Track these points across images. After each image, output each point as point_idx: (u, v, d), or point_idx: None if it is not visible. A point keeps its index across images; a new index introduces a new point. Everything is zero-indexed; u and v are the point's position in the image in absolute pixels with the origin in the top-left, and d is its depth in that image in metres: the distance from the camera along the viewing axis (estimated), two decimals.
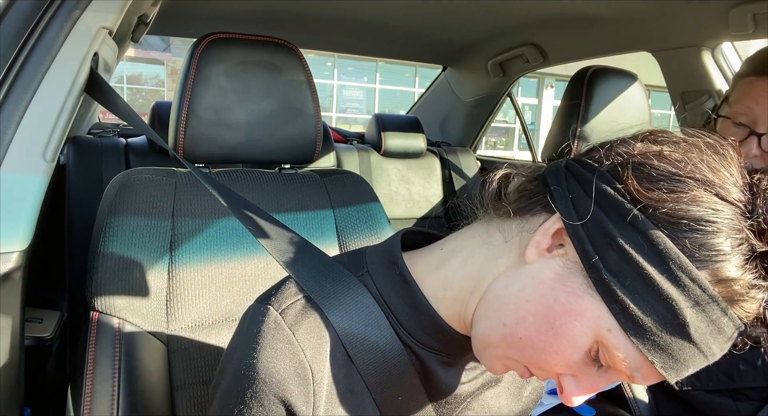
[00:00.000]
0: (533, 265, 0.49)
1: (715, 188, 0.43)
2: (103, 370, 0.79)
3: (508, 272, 0.51)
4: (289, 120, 1.03)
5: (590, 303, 0.45)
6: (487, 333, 0.51)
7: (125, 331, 0.82)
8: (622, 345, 0.44)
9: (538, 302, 0.47)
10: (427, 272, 0.57)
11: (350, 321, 0.54)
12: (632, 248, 0.43)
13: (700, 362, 0.44)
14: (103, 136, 1.81)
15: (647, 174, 0.44)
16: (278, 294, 0.55)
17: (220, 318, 0.92)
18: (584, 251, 0.45)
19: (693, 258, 0.41)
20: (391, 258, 0.58)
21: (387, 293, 0.57)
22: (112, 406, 0.77)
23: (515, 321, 0.48)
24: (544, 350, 0.47)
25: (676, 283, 0.41)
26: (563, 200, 0.47)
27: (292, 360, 0.52)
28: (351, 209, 1.09)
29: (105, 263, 0.84)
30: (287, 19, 1.78)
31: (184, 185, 0.96)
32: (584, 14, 1.55)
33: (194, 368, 0.88)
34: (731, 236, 0.42)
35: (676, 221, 0.42)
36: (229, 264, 0.95)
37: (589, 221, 0.45)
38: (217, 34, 0.98)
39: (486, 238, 0.55)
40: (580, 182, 0.47)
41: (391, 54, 2.45)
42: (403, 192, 2.33)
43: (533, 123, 13.73)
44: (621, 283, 0.43)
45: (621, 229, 0.43)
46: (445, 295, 0.56)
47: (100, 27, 0.73)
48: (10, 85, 0.67)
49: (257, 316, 0.54)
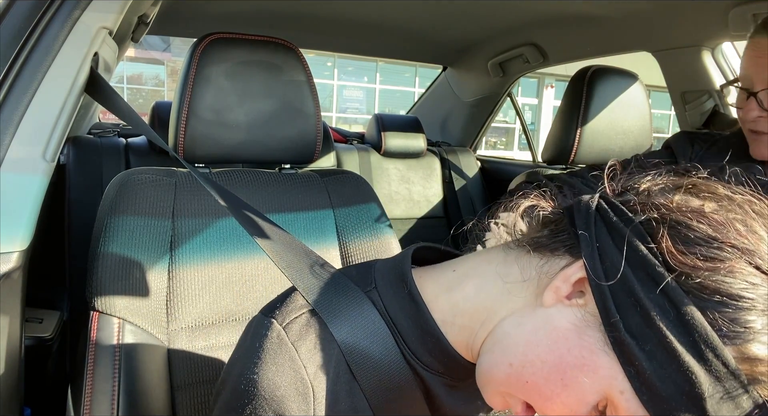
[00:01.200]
0: (549, 309, 0.46)
1: (754, 259, 0.40)
2: (103, 370, 0.79)
3: (522, 310, 0.49)
4: (289, 120, 1.03)
5: (605, 361, 0.42)
6: (492, 369, 0.50)
7: (125, 331, 0.82)
8: (633, 408, 0.42)
9: (549, 350, 0.45)
10: (436, 295, 0.55)
11: (355, 338, 0.53)
12: (658, 313, 0.40)
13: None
14: (103, 136, 1.81)
15: (684, 236, 0.41)
16: (283, 307, 0.54)
17: (220, 318, 0.92)
18: (606, 308, 0.42)
19: (721, 333, 0.39)
20: (401, 275, 0.56)
21: (394, 311, 0.55)
22: (112, 406, 0.77)
23: (522, 364, 0.47)
24: (550, 398, 0.45)
25: (699, 356, 0.39)
26: (590, 248, 0.44)
27: (294, 377, 0.51)
28: (351, 209, 1.09)
29: (105, 263, 0.84)
30: (287, 19, 1.78)
31: (185, 185, 0.96)
32: (584, 14, 1.55)
33: (194, 368, 0.88)
34: (765, 313, 0.39)
35: (709, 293, 0.39)
36: (229, 264, 0.95)
37: (614, 276, 0.42)
38: (217, 34, 0.98)
39: (502, 269, 0.52)
40: (611, 232, 0.44)
41: (391, 54, 2.45)
42: (403, 192, 2.33)
43: (533, 123, 13.73)
44: (641, 347, 0.40)
45: (648, 291, 0.41)
46: (454, 321, 0.54)
47: (100, 27, 0.73)
48: (10, 85, 0.67)
49: (260, 329, 0.53)
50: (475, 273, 0.54)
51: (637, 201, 0.45)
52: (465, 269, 0.55)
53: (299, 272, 0.59)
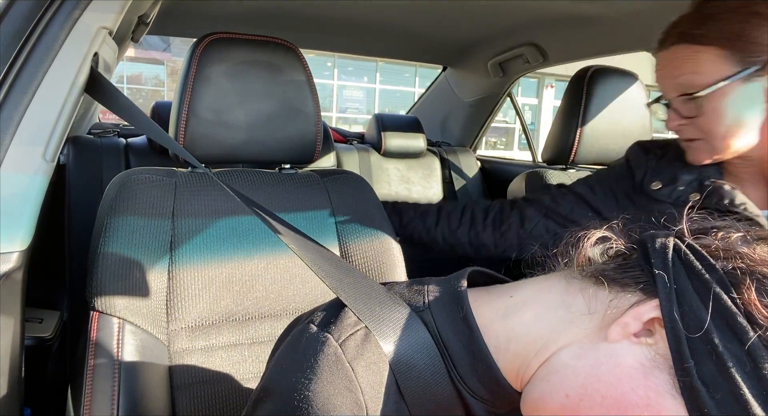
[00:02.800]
0: (614, 345, 0.45)
1: None
2: (103, 370, 0.79)
3: (584, 342, 0.47)
4: (289, 120, 1.03)
5: (671, 405, 0.41)
6: (545, 398, 0.48)
7: (125, 331, 0.82)
8: None
9: (611, 386, 0.44)
10: (492, 320, 0.53)
11: (408, 360, 0.52)
12: (734, 364, 0.39)
13: None
14: (103, 136, 1.81)
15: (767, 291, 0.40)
16: (338, 323, 0.52)
17: (220, 318, 0.92)
18: (679, 352, 0.41)
19: None
20: (456, 298, 0.55)
21: (446, 334, 0.54)
22: (112, 406, 0.77)
23: (580, 397, 0.45)
24: None
25: None
26: (667, 290, 0.43)
27: (350, 398, 0.49)
28: (351, 209, 1.09)
29: (105, 263, 0.84)
30: (287, 19, 1.78)
31: (184, 185, 0.96)
32: (584, 14, 1.54)
33: (194, 368, 0.88)
34: None
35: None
36: (230, 264, 0.95)
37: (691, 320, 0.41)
38: (217, 34, 0.98)
39: (565, 298, 0.50)
40: (690, 276, 0.43)
41: (391, 54, 2.45)
42: (403, 192, 2.33)
43: (533, 123, 13.73)
44: (711, 395, 0.39)
45: (726, 340, 0.40)
46: (508, 347, 0.52)
47: (100, 27, 0.73)
48: (10, 85, 0.67)
49: (315, 343, 0.51)
50: (535, 301, 0.53)
51: (720, 247, 0.44)
52: (523, 296, 0.54)
53: (342, 284, 0.58)
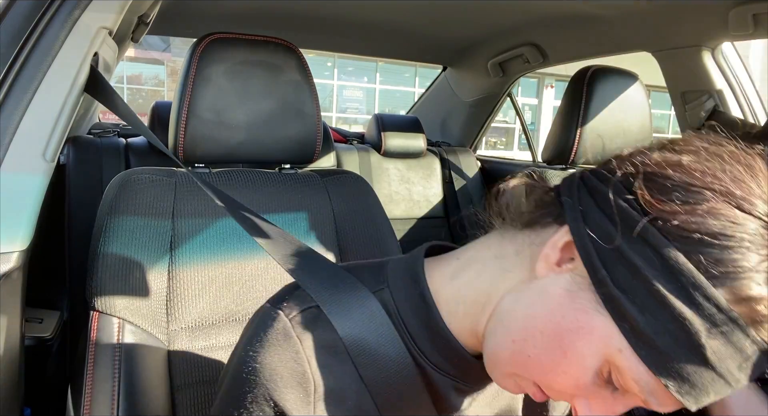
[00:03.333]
0: (543, 280, 0.46)
1: (736, 200, 0.39)
2: (103, 370, 0.79)
3: (518, 286, 0.49)
4: (289, 120, 1.03)
5: (599, 321, 0.42)
6: (497, 350, 0.50)
7: (125, 331, 0.82)
8: (634, 366, 0.41)
9: (546, 319, 0.45)
10: (442, 284, 0.55)
11: (361, 337, 0.53)
12: (642, 262, 0.40)
13: (721, 389, 0.40)
14: (103, 136, 1.81)
15: (660, 185, 0.41)
16: (291, 300, 0.54)
17: (221, 318, 0.92)
18: (592, 265, 0.42)
19: (708, 275, 0.38)
20: (413, 276, 0.56)
21: (405, 311, 0.55)
22: (112, 406, 0.77)
23: (524, 338, 0.46)
24: (553, 369, 0.45)
25: (690, 301, 0.38)
26: (573, 211, 0.45)
27: (296, 370, 0.51)
28: (351, 209, 1.09)
29: (105, 263, 0.84)
30: (287, 19, 1.78)
31: (184, 185, 0.96)
32: (584, 14, 1.55)
33: (194, 368, 0.88)
34: (754, 252, 0.38)
35: (690, 235, 0.39)
36: (229, 264, 0.95)
37: (598, 233, 0.42)
38: (217, 34, 0.98)
39: (499, 250, 0.53)
40: (592, 193, 0.45)
41: (391, 54, 2.45)
42: (403, 192, 2.33)
43: (533, 123, 13.73)
44: (631, 300, 0.40)
45: (630, 242, 0.40)
46: (458, 309, 0.54)
47: (100, 27, 0.73)
48: (10, 85, 0.67)
49: (266, 319, 0.53)
50: (475, 259, 0.55)
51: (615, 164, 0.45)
52: (467, 256, 0.56)
53: (302, 270, 0.59)
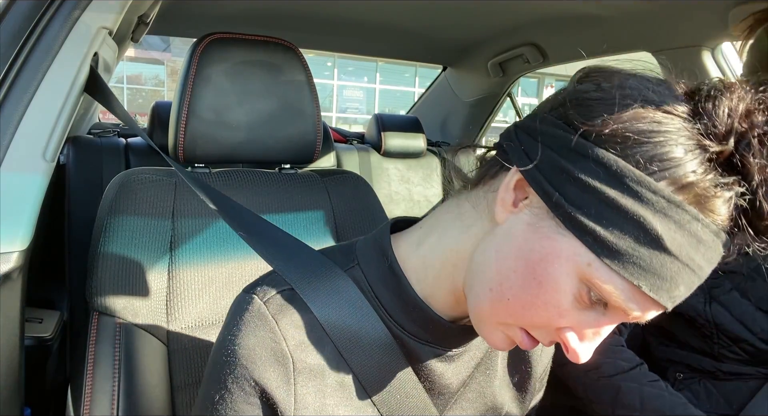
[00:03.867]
0: (504, 224, 0.49)
1: (655, 104, 0.43)
2: (103, 370, 0.79)
3: (484, 238, 0.51)
4: (289, 120, 1.03)
5: (563, 243, 0.44)
6: (478, 303, 0.51)
7: (125, 331, 0.82)
8: (606, 276, 0.43)
9: (515, 257, 0.47)
10: (408, 253, 0.57)
11: (336, 314, 0.54)
12: (587, 176, 0.43)
13: (688, 277, 0.43)
14: (103, 136, 1.81)
15: (586, 106, 0.45)
16: (263, 284, 0.56)
17: (220, 318, 0.92)
18: (544, 191, 0.45)
19: (648, 171, 0.41)
20: (381, 250, 0.58)
21: (377, 285, 0.57)
22: (112, 406, 0.77)
23: (499, 282, 0.48)
24: (533, 303, 0.46)
25: (638, 198, 0.41)
26: (516, 152, 0.48)
27: (274, 348, 0.52)
28: (351, 209, 1.09)
29: (105, 264, 0.84)
30: (287, 19, 1.78)
31: (184, 185, 0.96)
32: (584, 14, 1.54)
33: (194, 368, 0.88)
34: (681, 143, 0.41)
35: (622, 140, 0.42)
36: (229, 264, 0.95)
37: (542, 162, 0.45)
38: (217, 34, 0.98)
39: (457, 211, 0.55)
40: (529, 133, 0.48)
41: (391, 54, 2.45)
42: (403, 192, 2.33)
43: None
44: (586, 213, 0.43)
45: (572, 161, 0.44)
46: (426, 274, 0.56)
47: (100, 27, 0.73)
48: (10, 85, 0.67)
49: (242, 304, 0.54)
50: (437, 224, 0.57)
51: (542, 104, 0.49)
52: (429, 223, 0.58)
53: (276, 255, 0.61)
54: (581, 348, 0.47)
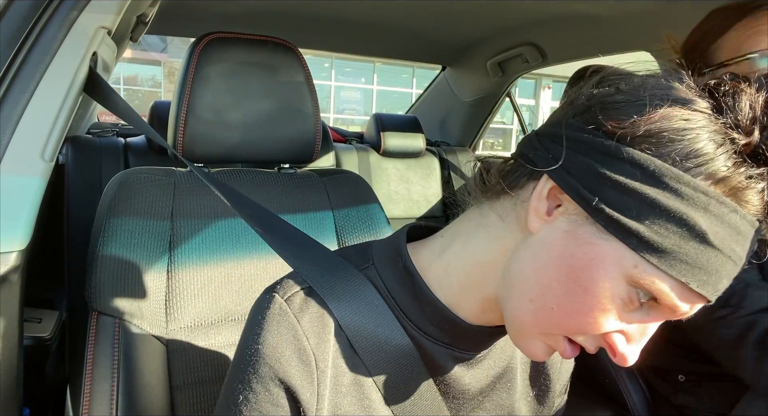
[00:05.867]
0: (539, 234, 0.48)
1: (681, 102, 0.43)
2: (102, 370, 0.79)
3: (518, 248, 0.50)
4: (288, 120, 1.02)
5: (607, 247, 0.44)
6: (517, 314, 0.50)
7: (124, 331, 0.82)
8: (654, 276, 0.43)
9: (556, 266, 0.46)
10: (430, 261, 0.57)
11: (352, 314, 0.54)
12: (626, 178, 0.43)
13: (731, 269, 0.43)
14: (102, 136, 1.81)
15: (614, 109, 0.45)
16: (283, 284, 0.56)
17: (220, 318, 0.92)
18: (581, 197, 0.45)
19: (684, 168, 0.42)
20: (396, 251, 0.58)
21: (392, 286, 0.56)
22: (111, 406, 0.77)
23: (541, 293, 0.47)
24: (579, 310, 0.45)
25: (679, 196, 0.42)
26: (543, 160, 0.48)
27: (297, 346, 0.52)
28: (350, 208, 1.09)
29: (104, 263, 0.84)
30: (287, 19, 1.78)
31: (183, 185, 0.96)
32: (584, 14, 1.55)
33: (193, 368, 0.88)
34: (711, 138, 0.42)
35: (657, 140, 0.43)
36: (228, 264, 0.95)
37: (575, 168, 0.45)
38: (217, 34, 0.98)
39: (480, 220, 0.55)
40: (554, 140, 0.48)
41: (390, 54, 2.45)
42: (403, 192, 2.33)
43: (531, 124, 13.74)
44: (628, 215, 0.43)
45: (608, 164, 0.44)
46: (451, 282, 0.55)
47: (99, 27, 0.73)
48: (8, 84, 0.67)
49: (263, 303, 0.54)
50: (459, 233, 0.57)
51: (564, 110, 0.49)
52: (451, 232, 0.58)
53: (295, 255, 0.61)
54: (629, 351, 0.47)
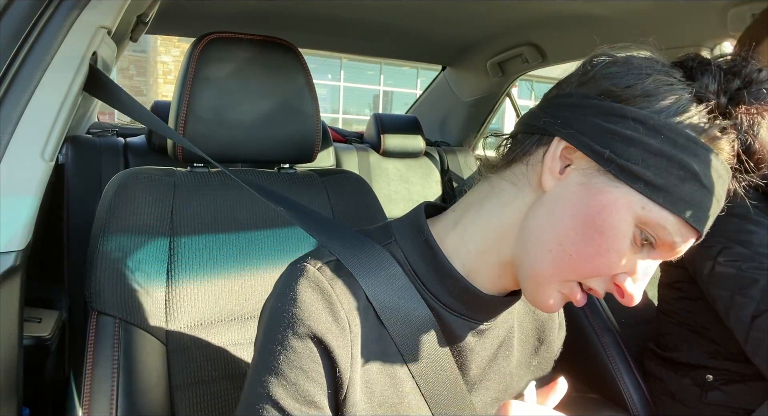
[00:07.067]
0: (552, 191, 0.54)
1: (665, 72, 0.52)
2: (102, 370, 0.79)
3: (532, 208, 0.55)
4: (288, 120, 1.02)
5: (617, 193, 0.50)
6: (536, 267, 0.54)
7: (124, 331, 0.82)
8: (659, 214, 0.50)
9: (572, 216, 0.52)
10: (446, 232, 0.61)
11: (378, 286, 0.57)
12: (631, 132, 0.50)
13: (716, 206, 0.51)
14: (102, 135, 1.81)
15: (615, 77, 0.52)
16: (311, 257, 0.58)
17: (219, 318, 0.92)
18: (593, 151, 0.51)
19: (676, 122, 0.50)
20: (417, 227, 0.61)
21: (414, 260, 0.60)
22: (111, 406, 0.77)
23: (559, 242, 0.53)
24: (597, 253, 0.51)
25: (675, 144, 0.49)
26: (553, 125, 0.54)
27: (332, 310, 0.54)
28: (350, 208, 1.09)
29: (104, 263, 0.84)
30: (287, 19, 1.78)
31: (183, 185, 0.96)
32: (584, 14, 1.54)
33: (193, 367, 0.88)
34: (691, 100, 0.51)
35: (651, 100, 0.50)
36: (229, 264, 0.95)
37: (585, 128, 0.52)
38: (216, 34, 0.98)
39: (491, 190, 0.59)
40: (561, 108, 0.55)
41: (390, 54, 2.45)
42: (402, 192, 2.33)
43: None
44: (635, 163, 0.49)
45: (614, 123, 0.51)
46: (468, 249, 0.59)
47: (99, 26, 0.73)
48: (8, 84, 0.67)
49: (294, 273, 0.56)
50: (471, 204, 0.61)
51: (565, 81, 0.57)
52: (462, 205, 0.62)
53: (321, 232, 0.64)
54: (635, 289, 0.53)
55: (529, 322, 0.72)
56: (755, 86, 0.51)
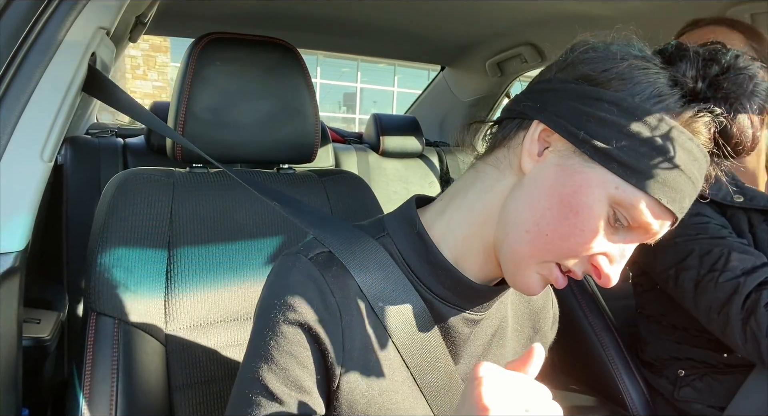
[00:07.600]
0: (531, 173, 0.55)
1: (642, 58, 0.53)
2: (101, 371, 0.79)
3: (512, 190, 0.57)
4: (287, 120, 1.02)
5: (592, 173, 0.51)
6: (514, 247, 0.55)
7: (123, 332, 0.82)
8: (632, 195, 0.50)
9: (548, 196, 0.53)
10: (433, 220, 0.62)
11: (371, 277, 0.58)
12: (605, 114, 0.51)
13: (692, 189, 0.52)
14: (101, 136, 1.81)
15: (592, 62, 0.54)
16: (304, 248, 0.59)
17: (219, 318, 0.92)
18: (569, 133, 0.52)
19: (650, 104, 0.51)
20: (409, 220, 0.62)
21: (407, 253, 0.60)
22: (111, 407, 0.77)
23: (536, 222, 0.53)
24: (572, 232, 0.52)
25: (648, 126, 0.50)
26: (533, 109, 0.55)
27: (324, 299, 0.55)
28: (349, 208, 1.09)
29: (103, 264, 0.84)
30: (287, 19, 1.78)
31: (183, 185, 0.96)
32: (583, 14, 1.55)
33: (192, 368, 0.88)
34: (666, 83, 0.51)
35: (626, 83, 0.51)
36: (228, 264, 0.95)
37: (562, 111, 0.53)
38: (216, 34, 0.98)
39: (476, 176, 0.61)
40: (541, 93, 0.56)
41: (389, 54, 2.45)
42: (402, 192, 2.33)
43: None
44: (609, 144, 0.50)
45: (590, 105, 0.52)
46: (455, 236, 0.60)
47: (98, 27, 0.73)
48: (7, 85, 0.67)
49: (286, 262, 0.57)
50: (457, 191, 0.62)
51: (551, 70, 0.58)
52: (449, 193, 0.63)
53: (315, 225, 0.64)
54: (612, 271, 0.53)
55: (523, 312, 0.73)
56: (733, 72, 0.51)
